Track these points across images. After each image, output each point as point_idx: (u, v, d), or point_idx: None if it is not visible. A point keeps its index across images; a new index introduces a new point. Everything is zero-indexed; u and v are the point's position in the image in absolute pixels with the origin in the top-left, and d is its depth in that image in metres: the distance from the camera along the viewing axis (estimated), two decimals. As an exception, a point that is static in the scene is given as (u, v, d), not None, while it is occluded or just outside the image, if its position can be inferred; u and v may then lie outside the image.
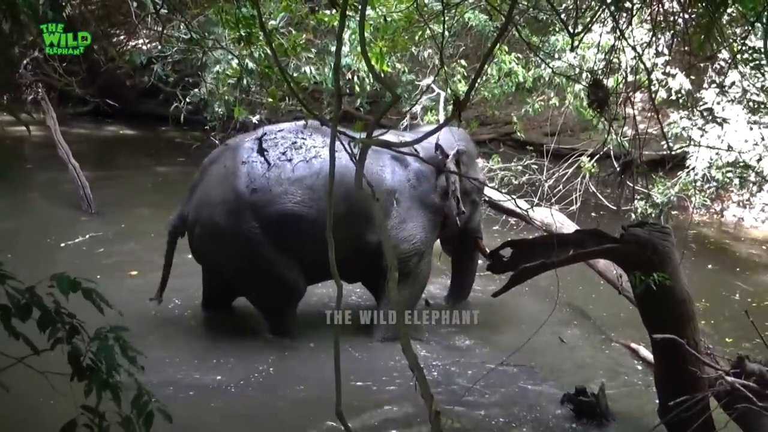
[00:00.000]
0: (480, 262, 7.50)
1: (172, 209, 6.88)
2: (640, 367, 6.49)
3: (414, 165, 6.77)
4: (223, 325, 6.88)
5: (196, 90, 11.53)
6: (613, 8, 4.59)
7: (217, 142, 12.43)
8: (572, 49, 7.17)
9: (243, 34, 5.15)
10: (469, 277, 7.65)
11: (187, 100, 12.05)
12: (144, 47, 13.65)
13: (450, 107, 9.83)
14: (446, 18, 5.31)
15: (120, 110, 14.73)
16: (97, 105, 14.69)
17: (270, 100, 7.48)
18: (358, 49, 8.64)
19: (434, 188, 6.88)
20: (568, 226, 6.94)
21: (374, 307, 6.91)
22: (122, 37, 14.49)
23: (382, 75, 6.20)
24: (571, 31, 4.67)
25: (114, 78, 14.92)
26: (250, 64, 6.97)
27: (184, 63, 12.19)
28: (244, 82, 9.65)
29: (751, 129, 8.28)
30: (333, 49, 9.97)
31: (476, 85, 4.02)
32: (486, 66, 8.58)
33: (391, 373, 6.19)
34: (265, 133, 6.62)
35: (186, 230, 6.62)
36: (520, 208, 6.76)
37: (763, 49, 5.19)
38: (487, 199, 7.34)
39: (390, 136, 4.61)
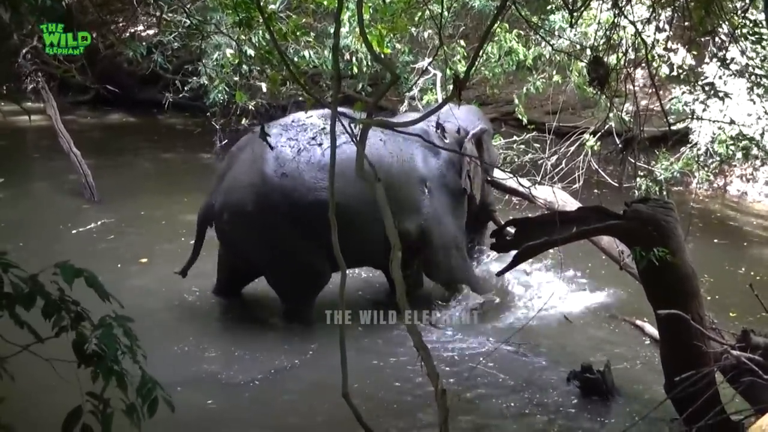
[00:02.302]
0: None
1: (175, 196, 6.91)
2: (645, 344, 6.50)
3: (443, 152, 6.86)
4: (235, 315, 6.92)
5: (196, 78, 11.52)
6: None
7: (218, 127, 12.45)
8: (571, 26, 7.14)
9: (242, 18, 5.12)
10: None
11: (186, 87, 12.04)
12: (143, 33, 13.64)
13: (450, 87, 9.82)
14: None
15: (120, 98, 14.70)
16: (97, 93, 14.66)
17: (270, 84, 7.43)
18: (357, 30, 8.64)
19: (459, 172, 7.00)
20: (571, 204, 6.93)
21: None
22: (121, 24, 14.45)
23: (382, 56, 6.16)
24: (571, 7, 4.65)
25: (114, 65, 14.90)
26: (249, 51, 6.94)
27: (184, 49, 12.16)
28: (244, 67, 9.64)
29: (754, 103, 8.24)
30: (332, 31, 9.95)
31: (476, 64, 4.00)
32: (486, 45, 8.54)
33: (399, 356, 6.22)
34: (294, 120, 6.64)
35: (213, 216, 6.63)
36: (522, 186, 6.76)
37: (763, 23, 5.18)
38: (489, 178, 7.34)
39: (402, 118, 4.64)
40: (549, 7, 9.43)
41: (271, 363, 6.09)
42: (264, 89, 11.65)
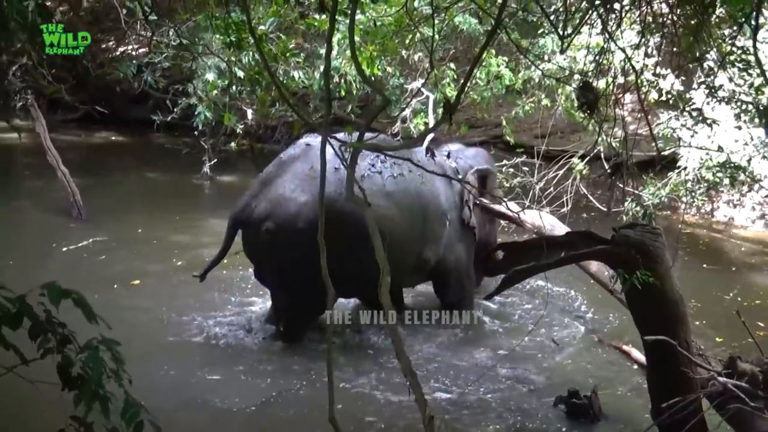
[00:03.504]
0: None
1: (166, 216, 6.86)
2: (633, 369, 6.49)
3: (456, 185, 7.05)
4: (230, 338, 6.81)
5: (185, 98, 11.55)
6: (602, 10, 4.60)
7: (207, 147, 12.47)
8: (562, 51, 7.19)
9: (233, 39, 5.13)
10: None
11: (176, 110, 12.08)
12: (133, 53, 13.68)
13: (440, 110, 9.87)
14: (436, 21, 5.31)
15: (109, 116, 14.74)
16: (87, 111, 14.71)
17: (260, 105, 7.45)
18: (347, 52, 8.67)
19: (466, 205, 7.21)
20: (559, 228, 6.95)
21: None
22: (111, 43, 14.49)
23: (372, 79, 6.20)
24: (561, 33, 4.67)
25: (103, 84, 14.93)
26: (239, 72, 6.94)
27: (174, 69, 12.19)
28: (234, 88, 9.65)
29: (740, 129, 8.29)
30: (322, 52, 9.99)
31: (466, 88, 4.03)
32: (476, 69, 8.59)
33: (389, 381, 6.16)
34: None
35: (249, 221, 6.47)
36: (511, 210, 6.81)
37: (751, 50, 5.21)
38: (478, 202, 7.40)
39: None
40: (539, 32, 9.47)
41: (268, 388, 6.01)
42: (249, 114, 11.73)
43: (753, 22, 4.02)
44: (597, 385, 5.75)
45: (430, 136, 6.96)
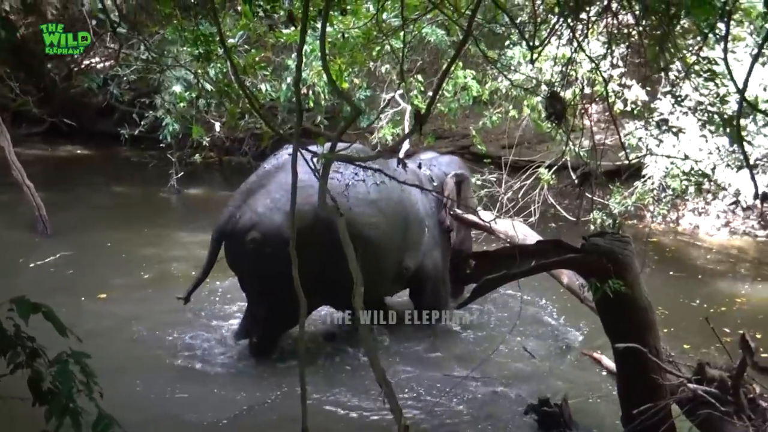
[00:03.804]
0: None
1: (133, 229, 6.80)
2: (603, 376, 6.53)
3: (431, 195, 7.14)
4: (200, 352, 6.77)
5: (152, 111, 11.50)
6: (570, 20, 4.64)
7: (173, 160, 12.41)
8: (532, 62, 7.25)
9: (201, 51, 5.11)
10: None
11: (143, 122, 12.02)
12: (100, 65, 13.58)
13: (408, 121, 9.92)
14: (403, 33, 5.34)
15: (75, 130, 14.62)
16: (52, 125, 14.56)
17: (229, 118, 7.43)
18: (314, 64, 8.69)
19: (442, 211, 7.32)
20: (531, 237, 6.99)
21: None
22: (77, 57, 14.36)
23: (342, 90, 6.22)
24: (531, 44, 4.70)
25: (69, 97, 14.82)
26: (207, 85, 6.92)
27: (141, 82, 12.13)
28: (201, 101, 9.63)
29: (706, 139, 8.40)
30: (289, 64, 10.00)
31: (436, 99, 4.06)
32: (445, 81, 8.66)
33: (364, 390, 6.17)
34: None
35: (233, 232, 6.40)
36: (482, 220, 6.89)
37: (715, 60, 5.29)
38: (452, 213, 7.44)
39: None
40: (506, 43, 9.54)
41: (240, 401, 5.97)
42: (217, 126, 11.69)
43: (723, 31, 4.07)
44: (567, 393, 5.77)
45: (405, 145, 7.01)
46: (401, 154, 7.79)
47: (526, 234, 7.07)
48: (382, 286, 6.89)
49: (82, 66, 15.14)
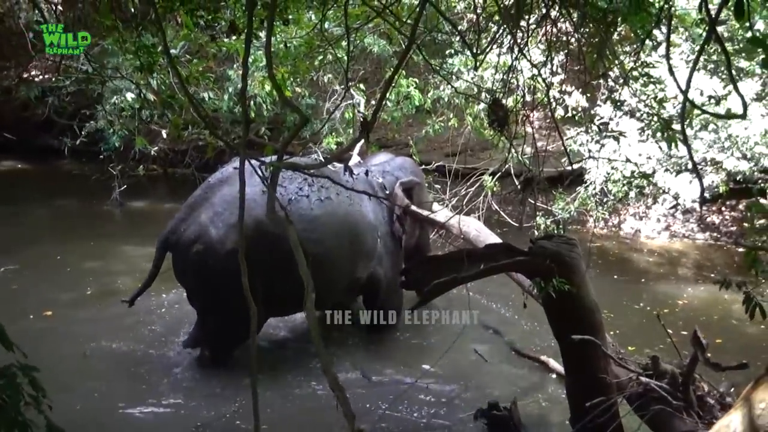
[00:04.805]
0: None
1: (77, 242, 6.71)
2: (551, 379, 6.62)
3: (385, 202, 7.23)
4: (150, 366, 6.68)
5: (92, 122, 11.36)
6: (510, 28, 4.70)
7: (115, 173, 12.28)
8: (476, 69, 7.36)
9: (143, 62, 5.07)
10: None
11: (83, 133, 11.86)
12: (38, 77, 13.39)
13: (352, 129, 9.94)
14: (345, 43, 5.37)
15: (13, 144, 14.36)
16: (-13, 140, 14.29)
17: (172, 128, 7.38)
18: (256, 74, 8.68)
19: (393, 218, 7.40)
20: (484, 234, 7.00)
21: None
22: (13, 70, 14.17)
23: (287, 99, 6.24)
24: (474, 51, 4.76)
25: (7, 111, 14.57)
26: (150, 96, 6.86)
27: (81, 94, 11.98)
28: (144, 112, 9.53)
29: (644, 142, 8.57)
30: (231, 74, 9.97)
31: (381, 107, 4.10)
32: (390, 91, 8.71)
33: (317, 398, 6.19)
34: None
35: (178, 245, 6.41)
36: (435, 218, 7.01)
37: (652, 64, 5.40)
38: (407, 210, 7.53)
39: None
40: (447, 51, 9.63)
41: (193, 417, 5.89)
42: (164, 133, 11.59)
43: (659, 37, 4.17)
44: (516, 396, 5.84)
45: (355, 154, 7.04)
46: (352, 161, 7.84)
47: (478, 230, 7.11)
48: (332, 296, 6.91)
49: (22, 78, 14.91)
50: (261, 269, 5.74)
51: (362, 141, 7.64)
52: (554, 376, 6.62)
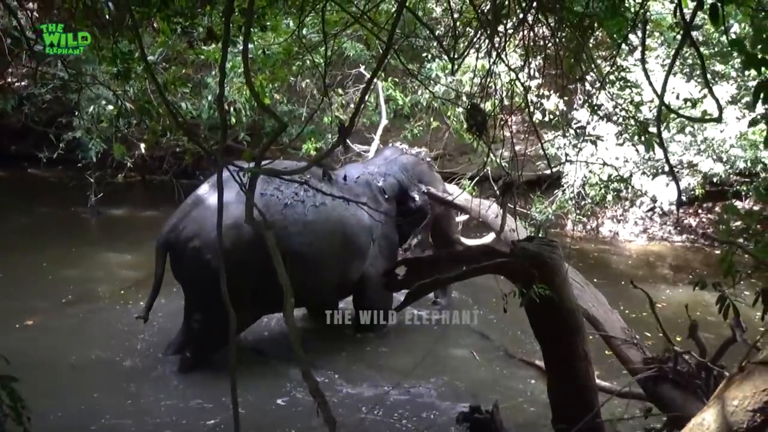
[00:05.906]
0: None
1: (56, 250, 6.65)
2: (532, 382, 6.63)
3: (384, 205, 7.45)
4: (132, 374, 6.63)
5: (70, 133, 11.31)
6: (487, 33, 4.73)
7: (92, 180, 12.20)
8: (453, 73, 7.41)
9: (120, 69, 5.06)
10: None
11: (62, 140, 11.79)
12: (14, 85, 13.28)
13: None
14: (323, 48, 5.38)
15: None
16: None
17: (150, 135, 7.36)
18: (234, 80, 8.67)
19: (393, 221, 7.58)
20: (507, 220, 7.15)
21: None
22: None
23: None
24: (452, 56, 4.78)
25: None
26: (127, 103, 6.84)
27: (58, 101, 11.91)
28: (122, 119, 9.49)
29: (622, 145, 8.64)
30: (209, 81, 9.96)
31: (358, 112, 4.11)
32: (368, 94, 8.73)
33: (297, 403, 6.18)
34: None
35: (177, 242, 6.51)
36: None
37: (628, 68, 5.45)
38: (427, 193, 7.83)
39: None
40: (424, 55, 9.66)
41: (174, 425, 5.86)
42: (142, 145, 11.53)
43: (635, 42, 4.21)
44: (498, 399, 5.84)
45: (331, 157, 7.06)
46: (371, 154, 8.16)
47: (498, 214, 7.35)
48: (323, 295, 7.20)
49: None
50: (257, 268, 6.00)
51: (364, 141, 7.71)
52: (535, 380, 6.64)
